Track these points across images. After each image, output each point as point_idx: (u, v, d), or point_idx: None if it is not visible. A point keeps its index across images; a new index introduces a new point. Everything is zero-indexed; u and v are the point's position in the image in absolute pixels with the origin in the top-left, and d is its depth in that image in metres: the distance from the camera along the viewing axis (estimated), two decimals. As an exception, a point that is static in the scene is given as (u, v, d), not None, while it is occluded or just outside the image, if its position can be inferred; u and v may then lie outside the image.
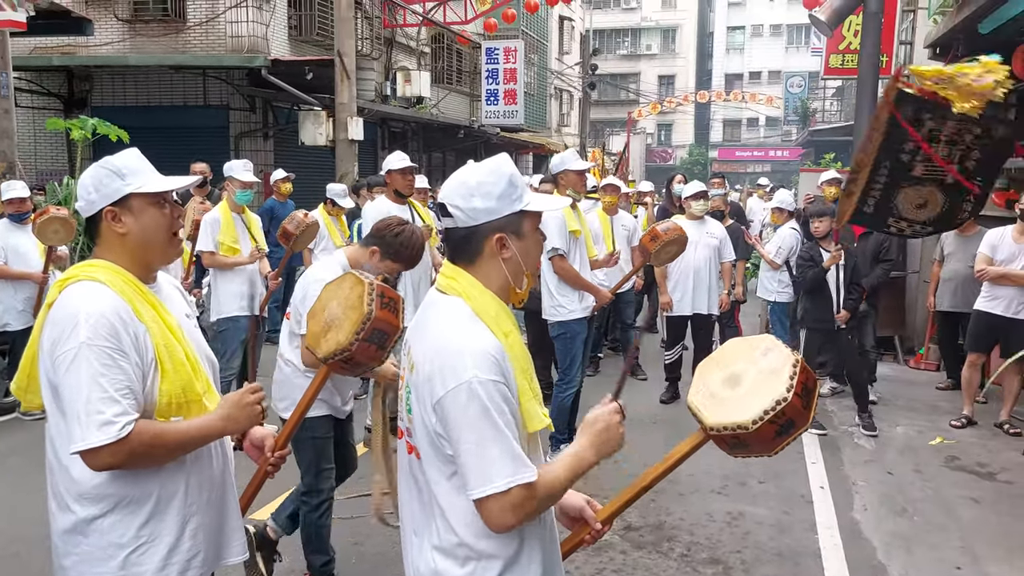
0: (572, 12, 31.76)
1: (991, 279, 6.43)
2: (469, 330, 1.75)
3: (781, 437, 1.81)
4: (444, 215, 1.84)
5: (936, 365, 8.28)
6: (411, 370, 1.83)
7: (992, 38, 7.89)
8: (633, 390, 7.50)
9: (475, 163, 1.91)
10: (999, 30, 7.76)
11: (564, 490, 1.80)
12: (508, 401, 1.71)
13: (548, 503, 1.78)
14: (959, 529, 4.70)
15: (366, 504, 4.78)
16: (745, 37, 47.11)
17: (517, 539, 1.78)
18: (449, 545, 1.77)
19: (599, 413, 1.88)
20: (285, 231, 6.08)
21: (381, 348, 2.39)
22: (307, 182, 13.05)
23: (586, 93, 31.04)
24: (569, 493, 1.99)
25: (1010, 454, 5.95)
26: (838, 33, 12.62)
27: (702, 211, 7.00)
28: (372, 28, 16.85)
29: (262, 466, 2.38)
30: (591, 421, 1.87)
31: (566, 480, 1.78)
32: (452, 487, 1.76)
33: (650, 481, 1.98)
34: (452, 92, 20.91)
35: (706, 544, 4.47)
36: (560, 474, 1.77)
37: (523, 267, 1.86)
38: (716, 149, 45.51)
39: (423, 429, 1.77)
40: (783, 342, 1.94)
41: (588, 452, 1.83)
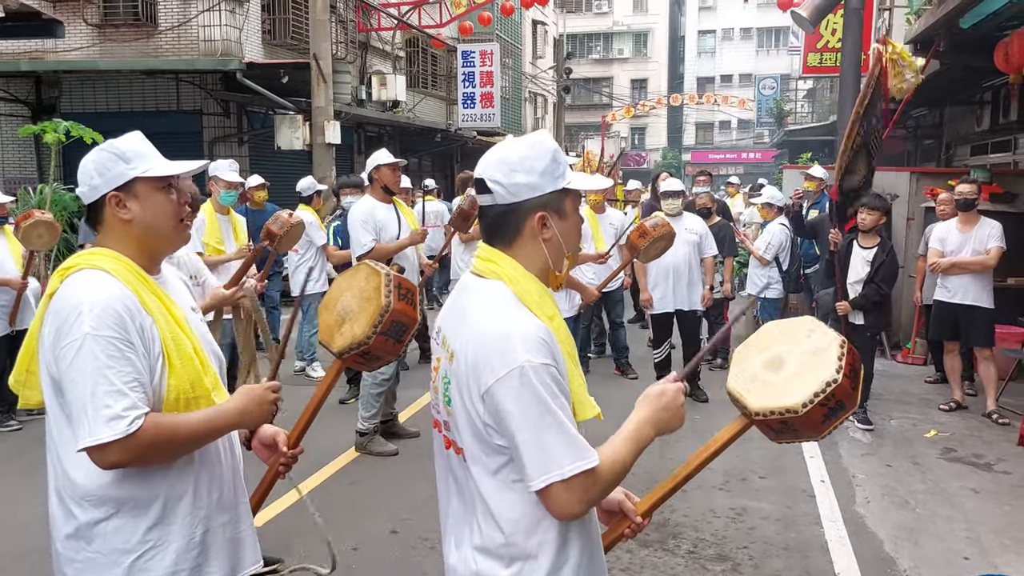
0: (545, 16, 31.82)
1: (944, 271, 6.71)
2: (514, 314, 1.65)
3: (830, 420, 1.74)
4: (482, 191, 1.74)
5: (923, 359, 8.31)
6: (450, 359, 1.72)
7: (973, 32, 7.97)
8: (623, 389, 7.43)
9: (513, 137, 1.82)
10: (980, 24, 7.84)
11: (627, 470, 1.70)
12: (561, 385, 1.62)
13: (613, 485, 1.68)
14: (963, 520, 4.68)
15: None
16: (716, 41, 47.54)
17: (563, 536, 1.67)
18: (494, 545, 1.67)
19: (666, 387, 1.79)
20: (269, 232, 5.92)
21: (399, 342, 2.29)
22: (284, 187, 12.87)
23: (560, 97, 31.08)
24: None
25: (1004, 445, 5.96)
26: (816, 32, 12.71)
27: (674, 210, 6.95)
28: (347, 32, 16.71)
29: (274, 465, 2.27)
30: (656, 394, 1.78)
31: (630, 459, 1.69)
32: (499, 482, 1.65)
33: (691, 471, 1.90)
34: (428, 96, 20.81)
35: (712, 540, 4.40)
36: (622, 453, 1.68)
37: (564, 248, 1.77)
38: (689, 152, 45.82)
39: (467, 421, 1.67)
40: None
41: (648, 427, 1.74)
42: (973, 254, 6.60)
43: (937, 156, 14.34)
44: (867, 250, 6.25)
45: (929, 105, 13.44)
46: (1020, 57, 6.66)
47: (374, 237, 5.38)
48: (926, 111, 14.17)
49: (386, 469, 5.38)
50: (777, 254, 7.68)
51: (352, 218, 5.50)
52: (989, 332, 6.66)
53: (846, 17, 8.89)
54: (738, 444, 1.98)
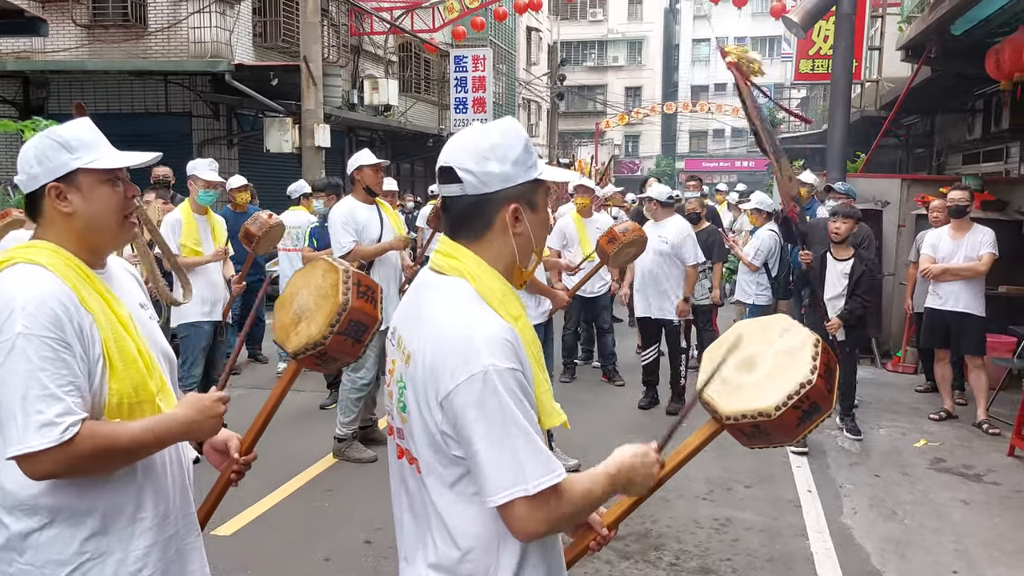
0: (540, 23, 31.83)
1: (935, 277, 6.65)
2: (476, 313, 1.53)
3: (804, 423, 1.66)
4: (450, 181, 1.61)
5: (914, 368, 8.23)
6: (407, 362, 1.60)
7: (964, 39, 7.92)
8: (610, 396, 7.34)
9: (480, 124, 1.71)
10: (971, 31, 7.80)
11: (599, 503, 1.60)
12: (527, 392, 1.50)
13: (580, 512, 1.56)
14: (952, 532, 4.58)
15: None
16: (710, 49, 47.53)
17: (523, 552, 1.57)
18: (449, 562, 1.56)
19: (647, 451, 1.68)
20: (248, 232, 5.84)
21: (358, 342, 2.18)
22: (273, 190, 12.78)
23: (554, 104, 31.04)
24: None
25: (994, 455, 5.87)
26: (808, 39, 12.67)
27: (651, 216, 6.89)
28: (339, 36, 16.64)
29: (225, 472, 2.14)
30: (640, 453, 1.67)
31: (602, 494, 1.59)
32: (456, 495, 1.54)
33: (659, 480, 1.79)
34: (420, 101, 20.74)
35: (695, 552, 4.30)
36: (598, 484, 1.58)
37: (533, 244, 1.66)
38: (683, 160, 45.81)
39: (423, 430, 1.55)
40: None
41: (620, 479, 1.63)
42: (965, 261, 6.52)
43: (928, 164, 14.30)
44: (843, 263, 6.03)
45: (921, 113, 13.40)
46: (1012, 64, 6.60)
47: (354, 238, 5.29)
48: (917, 119, 14.14)
49: (364, 476, 5.25)
50: (766, 260, 7.60)
51: (332, 218, 5.40)
52: (980, 340, 6.58)
53: (838, 23, 8.84)
54: (723, 453, 1.89)
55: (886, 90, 12.20)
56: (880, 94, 12.51)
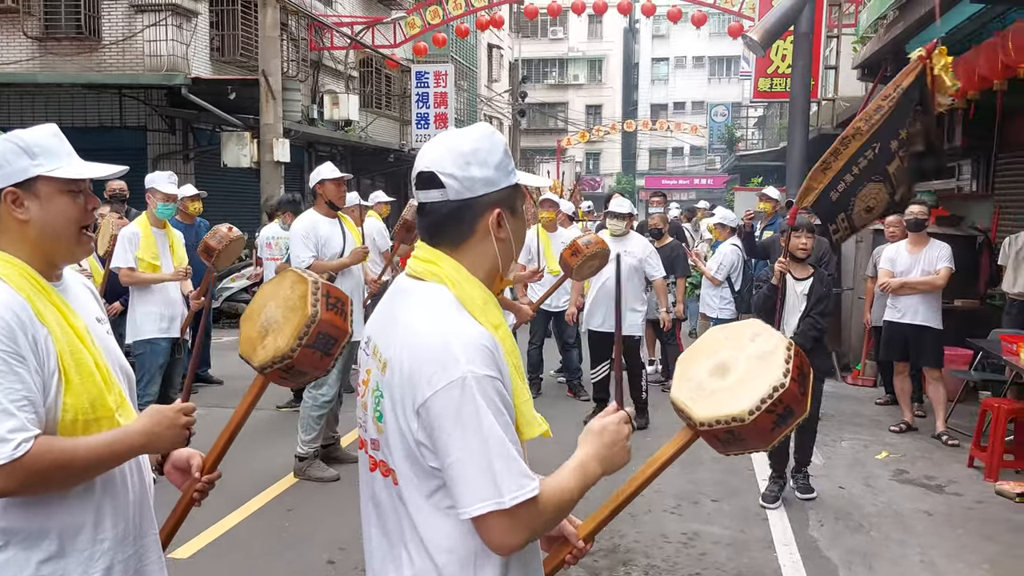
0: (501, 41, 32.00)
1: (894, 291, 6.74)
2: (455, 320, 1.49)
3: (778, 428, 1.64)
4: (430, 186, 1.57)
5: (873, 381, 8.34)
6: (383, 370, 1.55)
7: (919, 58, 8.09)
8: (576, 410, 7.30)
9: (455, 128, 1.67)
10: (925, 50, 7.95)
11: (574, 503, 1.55)
12: (506, 400, 1.46)
13: (558, 518, 1.53)
14: (917, 543, 4.62)
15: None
16: (669, 68, 48.30)
17: (503, 567, 1.52)
18: (424, 575, 1.51)
19: (606, 422, 1.65)
20: (207, 246, 5.70)
21: (327, 355, 2.12)
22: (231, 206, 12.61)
23: (516, 121, 31.17)
24: None
25: (954, 466, 5.95)
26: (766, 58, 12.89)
27: (617, 230, 6.79)
28: (298, 50, 16.52)
29: (187, 492, 2.05)
30: (597, 431, 1.64)
31: (576, 492, 1.54)
32: (433, 507, 1.49)
33: (635, 489, 1.76)
34: (381, 116, 20.66)
35: (664, 567, 4.27)
36: (569, 485, 1.53)
37: (514, 251, 1.63)
38: (643, 177, 46.29)
39: (400, 440, 1.50)
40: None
41: (594, 464, 1.59)
42: (923, 275, 6.63)
43: (883, 182, 14.60)
44: (801, 282, 5.35)
45: (876, 131, 13.68)
46: (964, 83, 6.76)
47: (313, 253, 5.22)
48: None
49: (326, 495, 5.14)
50: (729, 274, 7.66)
51: (293, 232, 5.32)
52: (938, 353, 6.69)
53: (795, 42, 9.00)
54: (690, 466, 1.86)
55: (842, 108, 12.45)
56: (836, 112, 12.76)
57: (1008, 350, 5.72)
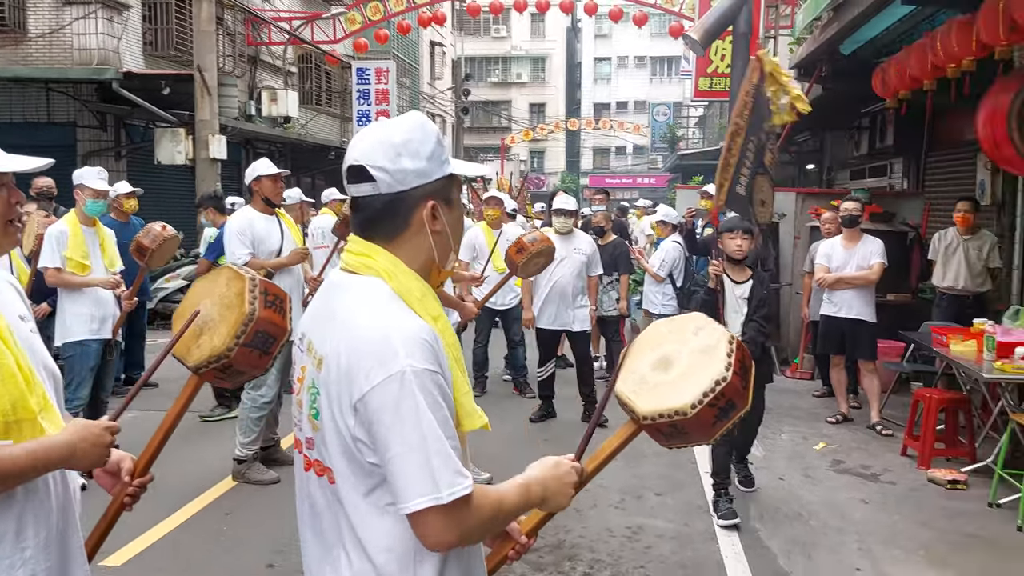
0: (443, 38, 31.84)
1: (830, 285, 6.89)
2: (394, 313, 1.47)
3: (721, 421, 1.67)
4: (360, 180, 1.53)
5: (811, 374, 8.52)
6: (318, 366, 1.51)
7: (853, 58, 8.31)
8: (522, 408, 7.28)
9: (385, 119, 1.63)
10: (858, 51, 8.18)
11: (510, 518, 1.56)
12: (445, 394, 1.44)
13: (492, 525, 1.53)
14: (854, 531, 4.72)
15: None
16: (612, 68, 48.73)
17: (441, 562, 1.49)
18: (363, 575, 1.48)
19: (562, 460, 1.65)
20: (140, 245, 5.53)
21: (265, 354, 2.08)
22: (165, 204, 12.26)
23: (459, 118, 31.07)
24: None
25: (888, 455, 6.11)
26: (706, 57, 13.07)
27: (564, 228, 6.82)
28: (235, 45, 16.18)
29: (118, 497, 1.97)
30: (552, 464, 1.64)
31: (515, 508, 1.54)
32: (371, 506, 1.46)
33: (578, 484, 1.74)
34: (321, 113, 20.37)
35: (609, 561, 4.28)
36: (510, 497, 1.53)
37: (451, 242, 1.60)
38: (587, 176, 46.60)
39: (337, 437, 1.46)
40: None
41: (537, 491, 1.59)
42: (857, 270, 6.79)
43: (819, 180, 14.95)
44: (740, 285, 5.11)
45: (812, 131, 14.00)
46: (896, 82, 6.94)
47: (250, 250, 5.11)
48: (808, 136, 14.76)
49: (265, 498, 5.02)
50: (671, 271, 7.74)
51: (228, 229, 5.19)
52: (872, 346, 6.87)
53: (734, 42, 9.10)
54: (634, 461, 1.86)
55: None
56: (773, 111, 12.98)
57: (938, 342, 5.90)
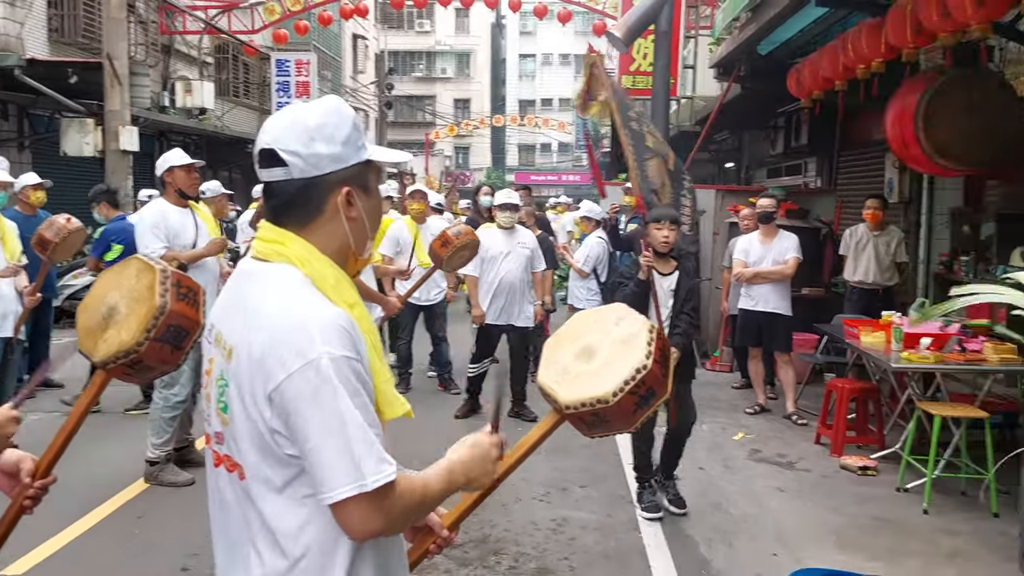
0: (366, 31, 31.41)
1: (748, 280, 7.10)
2: (308, 300, 1.42)
3: (641, 409, 1.69)
4: (272, 164, 1.48)
5: (730, 366, 8.72)
6: (228, 357, 1.45)
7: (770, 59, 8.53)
8: (447, 405, 7.24)
9: (300, 103, 1.58)
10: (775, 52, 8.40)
11: (435, 503, 1.53)
12: (364, 381, 1.41)
13: (417, 512, 1.50)
14: (771, 519, 4.85)
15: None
16: (536, 65, 48.96)
17: (356, 553, 1.45)
18: (277, 573, 1.43)
19: (480, 439, 1.63)
20: (42, 239, 5.28)
21: (177, 349, 2.00)
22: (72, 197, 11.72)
23: (383, 113, 30.74)
24: None
25: (803, 444, 6.30)
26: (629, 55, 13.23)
27: (508, 223, 6.82)
28: (147, 34, 15.59)
29: (17, 500, 1.87)
30: (470, 444, 1.61)
31: (438, 494, 1.52)
32: (287, 500, 1.41)
33: (501, 476, 1.72)
34: (239, 105, 19.84)
35: (534, 554, 4.29)
36: (433, 483, 1.50)
37: (368, 229, 1.57)
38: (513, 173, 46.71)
39: (249, 430, 1.41)
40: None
41: (460, 474, 1.57)
42: (773, 265, 6.99)
43: (737, 178, 15.34)
44: (667, 277, 4.90)
45: (731, 129, 14.35)
46: (810, 83, 7.15)
47: (164, 244, 4.93)
48: (728, 135, 15.13)
49: (179, 500, 4.84)
50: (595, 266, 7.80)
51: (140, 223, 5.00)
52: (788, 338, 7.08)
53: (656, 40, 9.25)
54: (558, 454, 1.86)
55: (700, 107, 12.95)
56: (695, 110, 13.27)
57: (850, 334, 6.11)
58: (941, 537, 4.60)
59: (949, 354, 5.27)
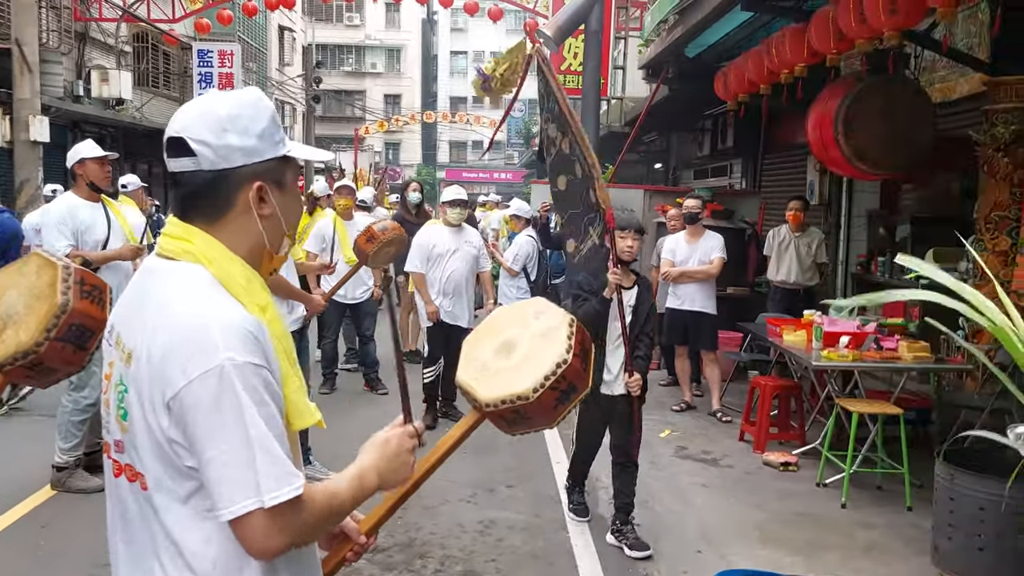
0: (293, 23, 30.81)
1: (675, 279, 7.19)
2: (214, 301, 1.34)
3: (562, 404, 1.64)
4: (180, 154, 1.40)
5: (657, 364, 8.80)
6: (127, 362, 1.37)
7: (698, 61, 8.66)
8: (373, 405, 7.12)
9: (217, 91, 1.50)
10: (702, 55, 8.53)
11: (345, 513, 1.46)
12: (272, 390, 1.33)
13: (324, 525, 1.42)
14: (696, 515, 4.91)
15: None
16: (468, 62, 48.80)
17: (271, 569, 1.38)
18: None
19: (391, 434, 1.56)
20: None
21: (81, 349, 1.94)
22: (-21, 188, 11.18)
23: (310, 107, 30.19)
24: None
25: (727, 441, 6.41)
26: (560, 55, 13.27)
27: (458, 219, 6.61)
28: (60, 20, 14.92)
29: None
30: (381, 441, 1.54)
31: (348, 502, 1.44)
32: (192, 512, 1.33)
33: (420, 477, 1.66)
34: (158, 96, 19.18)
35: (460, 556, 4.24)
36: (342, 492, 1.43)
37: (284, 227, 1.50)
38: (444, 170, 46.52)
39: (149, 438, 1.33)
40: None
41: (372, 476, 1.49)
42: (699, 264, 7.10)
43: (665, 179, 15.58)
44: (628, 292, 4.45)
45: (659, 131, 14.55)
46: (736, 86, 7.27)
47: (70, 242, 4.69)
48: (656, 136, 15.34)
49: (89, 507, 4.60)
50: (525, 265, 7.79)
51: (47, 218, 4.75)
52: (714, 336, 7.20)
53: (587, 41, 9.30)
54: (485, 454, 1.80)
55: (629, 107, 13.09)
56: (624, 111, 13.40)
57: (773, 332, 6.24)
58: (858, 531, 4.72)
59: (866, 352, 5.42)
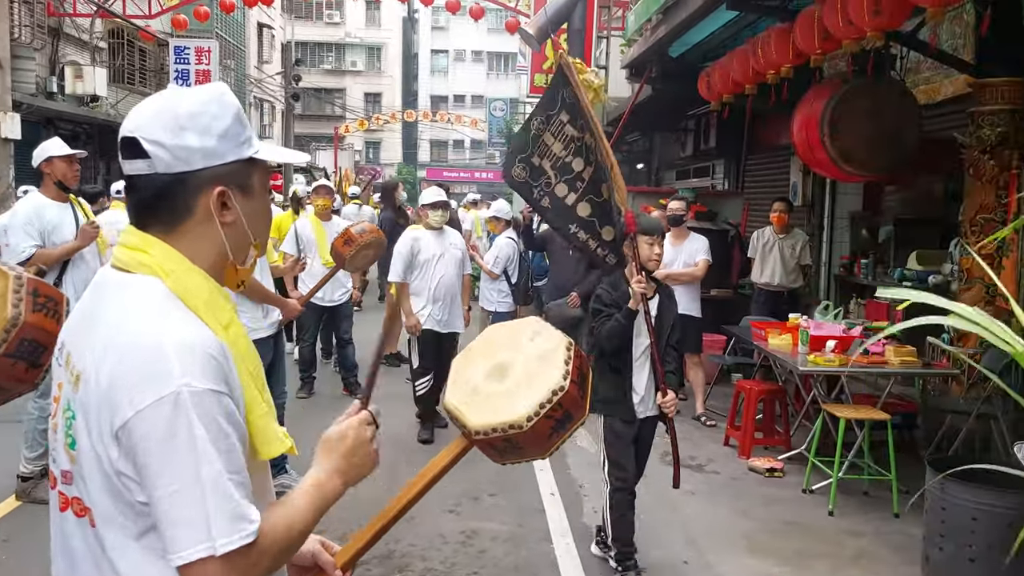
0: (272, 20, 30.50)
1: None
2: (172, 318, 1.21)
3: (557, 434, 1.53)
4: (133, 156, 1.28)
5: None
6: (75, 385, 1.24)
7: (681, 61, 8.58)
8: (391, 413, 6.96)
9: (176, 87, 1.37)
10: (686, 54, 8.45)
11: (308, 532, 1.33)
12: (233, 420, 1.20)
13: (289, 554, 1.30)
14: (682, 524, 4.83)
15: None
16: (449, 61, 48.64)
17: None
18: None
19: (345, 427, 1.42)
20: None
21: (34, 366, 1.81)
22: (-52, 186, 10.92)
23: (289, 105, 29.92)
24: None
25: (712, 446, 6.33)
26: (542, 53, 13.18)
27: (440, 222, 6.39)
28: (33, 15, 14.63)
29: None
30: (336, 438, 1.40)
31: (311, 520, 1.31)
32: (145, 550, 1.20)
33: (403, 506, 1.55)
34: (134, 93, 18.88)
35: (441, 569, 4.14)
36: (300, 515, 1.30)
37: (250, 236, 1.37)
38: (425, 169, 46.30)
39: (97, 470, 1.20)
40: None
41: (334, 479, 1.37)
42: (684, 266, 7.00)
43: (648, 179, 15.52)
44: (649, 301, 4.08)
45: (642, 131, 14.48)
46: (720, 86, 7.20)
47: (37, 242, 4.54)
48: (639, 137, 15.28)
49: (56, 520, 4.47)
50: (506, 267, 7.67)
51: (13, 218, 4.58)
52: (698, 339, 7.10)
53: (569, 39, 9.22)
54: (468, 463, 1.69)
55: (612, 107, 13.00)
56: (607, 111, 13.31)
57: (758, 336, 6.16)
58: (846, 539, 4.65)
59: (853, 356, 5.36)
